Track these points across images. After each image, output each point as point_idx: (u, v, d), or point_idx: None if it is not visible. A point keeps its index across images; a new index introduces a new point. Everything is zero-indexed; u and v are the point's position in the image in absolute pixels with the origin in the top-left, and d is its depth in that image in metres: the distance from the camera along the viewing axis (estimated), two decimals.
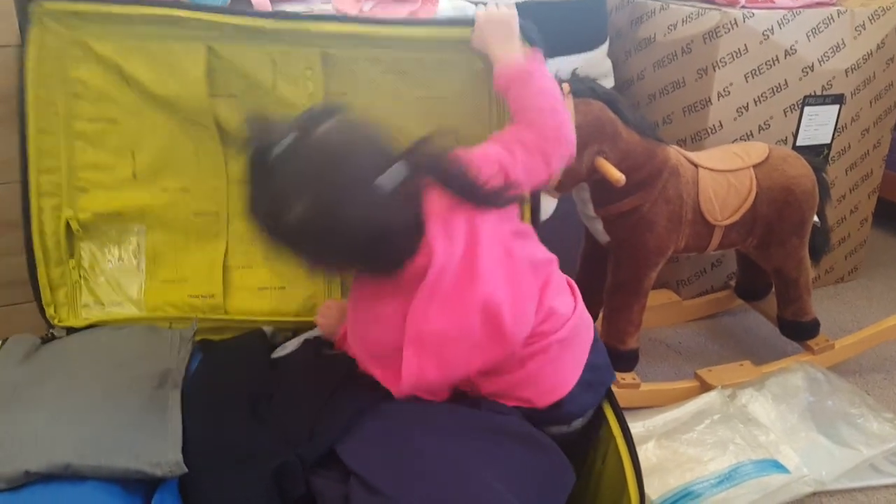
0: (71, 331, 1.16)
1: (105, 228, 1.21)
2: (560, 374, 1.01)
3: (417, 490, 0.86)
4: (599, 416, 1.08)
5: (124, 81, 1.14)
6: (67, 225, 1.17)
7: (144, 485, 0.86)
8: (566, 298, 1.05)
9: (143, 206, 1.20)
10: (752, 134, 1.75)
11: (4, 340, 1.09)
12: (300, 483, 0.90)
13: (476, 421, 0.98)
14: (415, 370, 0.93)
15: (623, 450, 1.01)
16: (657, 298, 1.89)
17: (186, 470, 0.87)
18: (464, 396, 1.01)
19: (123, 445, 0.86)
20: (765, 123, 1.75)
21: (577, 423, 1.05)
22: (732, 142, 1.71)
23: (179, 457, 0.87)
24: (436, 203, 0.92)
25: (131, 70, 1.12)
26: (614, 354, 1.55)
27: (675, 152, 1.45)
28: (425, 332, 0.93)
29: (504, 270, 0.95)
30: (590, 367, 1.04)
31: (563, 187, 1.34)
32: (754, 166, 1.49)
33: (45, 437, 0.85)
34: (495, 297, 0.92)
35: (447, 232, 0.92)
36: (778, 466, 1.31)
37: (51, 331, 1.16)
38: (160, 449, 0.88)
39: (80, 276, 1.20)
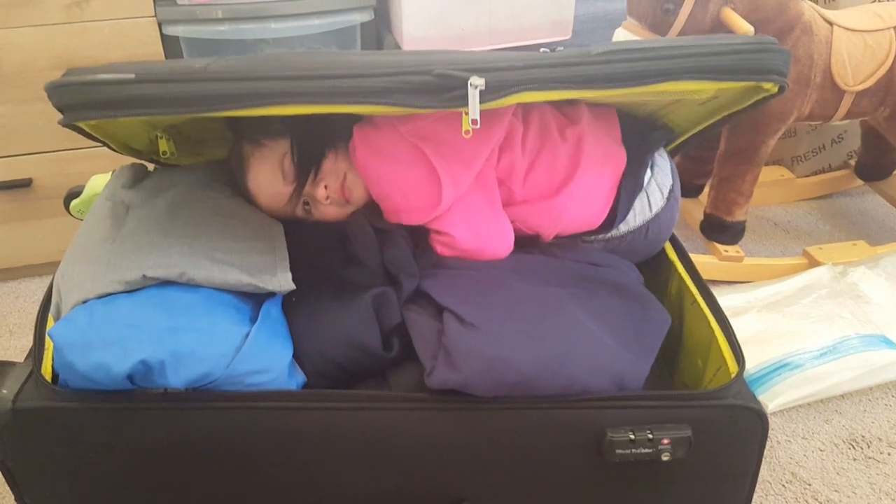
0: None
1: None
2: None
3: (511, 325, 0.87)
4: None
5: None
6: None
7: (252, 297, 0.89)
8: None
9: None
10: None
11: (114, 170, 1.12)
12: (396, 312, 0.92)
13: (568, 270, 0.99)
14: None
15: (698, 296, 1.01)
16: (769, 175, 1.81)
17: (294, 287, 0.89)
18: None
19: (235, 260, 0.89)
20: None
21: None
22: (872, 2, 1.56)
23: (289, 274, 0.89)
24: None
25: None
26: (720, 226, 1.50)
27: (809, 7, 1.34)
28: None
29: None
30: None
31: None
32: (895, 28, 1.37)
33: (161, 246, 0.88)
34: None
35: None
36: (887, 342, 1.26)
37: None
38: (270, 266, 0.90)
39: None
